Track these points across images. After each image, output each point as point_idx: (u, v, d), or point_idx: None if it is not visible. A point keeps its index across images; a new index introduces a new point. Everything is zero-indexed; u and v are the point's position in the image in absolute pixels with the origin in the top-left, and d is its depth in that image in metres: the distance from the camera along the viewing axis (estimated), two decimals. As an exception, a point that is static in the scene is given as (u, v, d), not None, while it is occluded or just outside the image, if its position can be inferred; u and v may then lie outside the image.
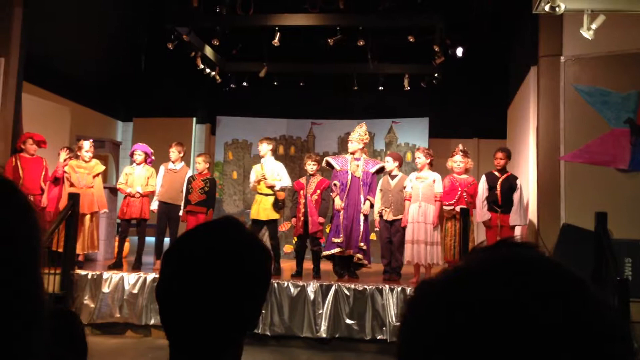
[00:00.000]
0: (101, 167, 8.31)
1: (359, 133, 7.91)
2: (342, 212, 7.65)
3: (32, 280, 0.73)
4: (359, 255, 7.66)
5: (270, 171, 7.96)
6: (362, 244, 7.65)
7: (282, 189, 7.98)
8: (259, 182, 7.93)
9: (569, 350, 0.51)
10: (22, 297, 0.71)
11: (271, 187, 7.87)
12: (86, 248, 7.97)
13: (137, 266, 7.89)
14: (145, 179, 8.15)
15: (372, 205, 7.77)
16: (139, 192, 8.01)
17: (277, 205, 7.85)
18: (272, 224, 7.90)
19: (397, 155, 8.24)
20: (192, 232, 1.18)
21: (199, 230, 1.18)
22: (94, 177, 8.12)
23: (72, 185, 7.96)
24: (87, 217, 7.94)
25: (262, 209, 7.83)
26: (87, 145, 8.13)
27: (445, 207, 7.56)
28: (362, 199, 7.72)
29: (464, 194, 7.52)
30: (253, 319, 1.13)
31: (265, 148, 8.06)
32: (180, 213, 8.14)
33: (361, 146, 7.90)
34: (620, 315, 0.57)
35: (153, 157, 8.44)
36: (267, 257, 1.17)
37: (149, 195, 8.22)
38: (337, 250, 7.59)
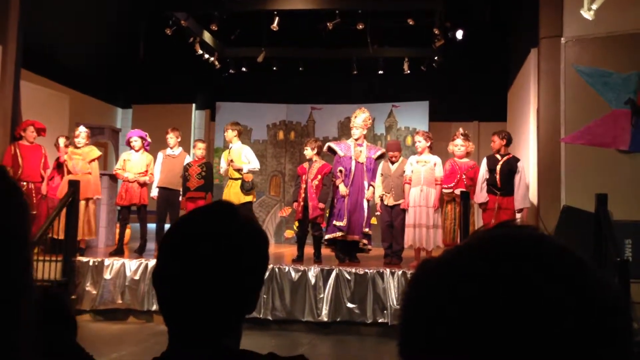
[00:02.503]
0: (96, 152, 8.28)
1: (362, 118, 7.86)
2: (346, 198, 7.65)
3: (17, 265, 0.73)
4: (365, 241, 7.69)
5: (237, 154, 7.98)
6: (366, 229, 7.68)
7: (251, 172, 8.00)
8: (229, 165, 7.97)
9: (573, 321, 0.51)
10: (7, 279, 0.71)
11: (239, 170, 7.90)
12: (83, 234, 7.94)
13: (141, 251, 7.92)
14: (145, 165, 8.14)
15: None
16: (134, 179, 7.98)
17: (245, 187, 7.88)
18: (245, 207, 7.90)
19: (397, 145, 8.16)
20: (188, 217, 1.17)
21: (194, 215, 1.17)
22: (90, 162, 8.11)
23: (69, 172, 7.95)
24: (82, 203, 7.90)
25: (233, 192, 7.88)
26: (78, 131, 8.12)
27: (444, 190, 7.56)
28: (366, 185, 7.72)
29: (463, 177, 7.51)
30: (251, 302, 1.13)
31: (230, 134, 8.10)
32: (181, 199, 8.15)
33: (365, 132, 7.91)
34: (620, 289, 0.58)
35: (149, 140, 8.37)
36: (263, 240, 1.16)
37: (148, 184, 8.20)
38: (339, 233, 7.61)
